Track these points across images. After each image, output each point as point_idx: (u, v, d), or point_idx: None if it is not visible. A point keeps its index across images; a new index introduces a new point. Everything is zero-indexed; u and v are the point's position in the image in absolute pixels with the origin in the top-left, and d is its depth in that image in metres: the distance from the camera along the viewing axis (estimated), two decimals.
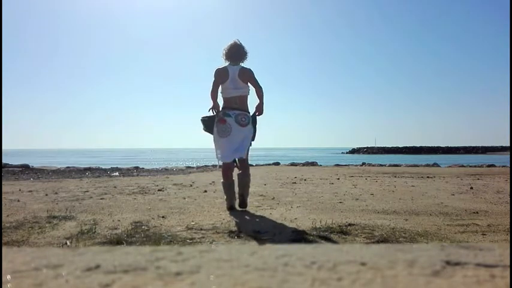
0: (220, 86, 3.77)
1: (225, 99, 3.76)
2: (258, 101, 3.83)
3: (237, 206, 3.75)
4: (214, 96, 3.72)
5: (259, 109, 3.84)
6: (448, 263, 0.62)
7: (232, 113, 3.68)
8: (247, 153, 3.84)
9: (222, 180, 3.82)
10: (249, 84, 3.79)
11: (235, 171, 3.88)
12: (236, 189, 3.79)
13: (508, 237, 2.68)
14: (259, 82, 3.80)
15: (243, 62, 3.83)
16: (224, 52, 3.81)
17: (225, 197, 3.80)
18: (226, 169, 3.80)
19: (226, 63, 3.79)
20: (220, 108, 3.74)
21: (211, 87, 3.72)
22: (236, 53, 3.79)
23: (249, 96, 3.84)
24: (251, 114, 3.80)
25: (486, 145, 68.68)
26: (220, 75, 3.72)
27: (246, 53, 3.84)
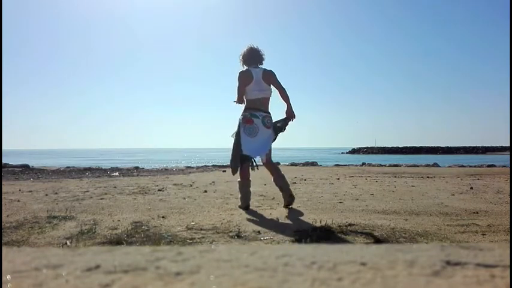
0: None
1: (248, 101, 3.81)
2: (285, 103, 3.87)
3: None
4: (241, 100, 3.82)
5: (290, 113, 3.88)
6: (448, 263, 0.62)
7: (259, 114, 3.75)
8: (270, 155, 3.94)
9: (239, 179, 3.85)
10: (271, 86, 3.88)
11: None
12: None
13: (508, 237, 2.67)
14: (282, 84, 3.87)
15: (262, 63, 3.92)
16: (242, 57, 3.90)
17: (240, 195, 3.84)
18: (246, 168, 3.84)
19: (244, 68, 3.87)
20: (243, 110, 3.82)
21: (238, 91, 3.79)
22: (256, 55, 3.89)
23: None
24: (282, 119, 3.88)
25: (486, 145, 68.68)
26: (246, 78, 3.78)
27: (263, 54, 3.94)
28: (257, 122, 3.73)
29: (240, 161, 3.76)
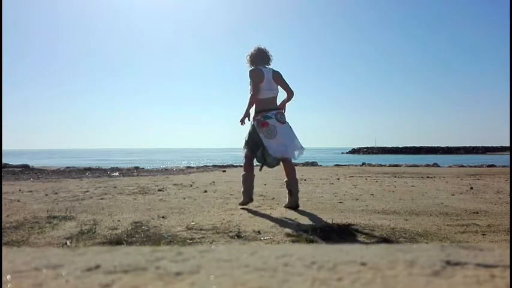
0: None
1: (260, 100, 3.82)
2: (286, 97, 3.97)
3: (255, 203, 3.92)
4: (256, 99, 3.79)
5: (282, 105, 3.95)
6: (448, 263, 0.62)
7: (271, 114, 3.78)
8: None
9: (243, 173, 3.88)
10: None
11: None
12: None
13: (508, 237, 2.67)
14: (289, 85, 3.95)
15: (269, 64, 3.96)
16: (250, 57, 3.92)
17: (243, 189, 3.86)
18: (250, 162, 3.87)
19: (252, 67, 3.89)
20: (253, 111, 3.83)
21: (253, 90, 3.79)
22: (265, 56, 3.95)
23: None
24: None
25: (486, 145, 68.67)
26: (258, 76, 3.80)
27: (271, 55, 4.00)
28: (272, 122, 3.73)
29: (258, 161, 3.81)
